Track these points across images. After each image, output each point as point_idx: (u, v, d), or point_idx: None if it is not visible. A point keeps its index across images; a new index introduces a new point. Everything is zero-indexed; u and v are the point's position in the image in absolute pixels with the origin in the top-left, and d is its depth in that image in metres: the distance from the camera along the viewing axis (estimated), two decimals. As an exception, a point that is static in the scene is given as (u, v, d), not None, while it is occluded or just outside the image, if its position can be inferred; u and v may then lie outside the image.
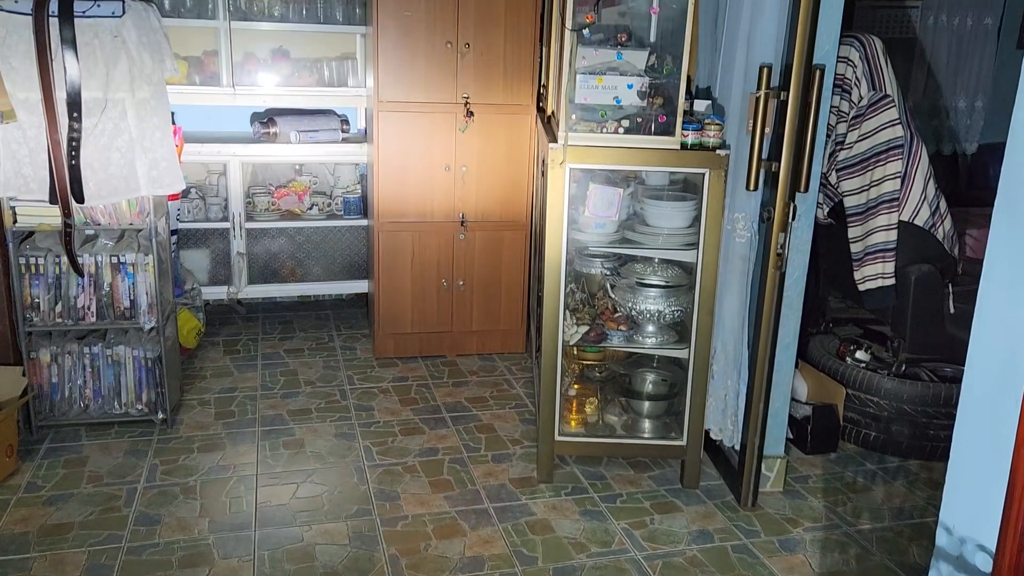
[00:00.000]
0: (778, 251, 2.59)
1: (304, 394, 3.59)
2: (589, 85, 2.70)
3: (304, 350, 4.09)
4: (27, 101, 2.79)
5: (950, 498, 1.52)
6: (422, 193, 3.81)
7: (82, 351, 3.16)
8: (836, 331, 3.65)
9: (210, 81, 4.17)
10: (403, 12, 3.58)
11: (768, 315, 2.66)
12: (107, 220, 3.07)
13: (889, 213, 3.04)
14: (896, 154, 2.98)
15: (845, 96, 3.02)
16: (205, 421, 3.31)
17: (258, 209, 4.36)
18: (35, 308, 3.07)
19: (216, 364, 3.87)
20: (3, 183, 2.86)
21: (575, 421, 3.02)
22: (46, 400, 3.17)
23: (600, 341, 2.93)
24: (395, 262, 3.87)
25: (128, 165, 2.92)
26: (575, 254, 2.99)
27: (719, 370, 2.95)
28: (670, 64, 2.73)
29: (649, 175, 2.96)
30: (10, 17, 2.72)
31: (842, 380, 3.27)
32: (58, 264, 3.05)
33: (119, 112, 2.87)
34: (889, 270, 3.10)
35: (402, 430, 3.30)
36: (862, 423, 3.23)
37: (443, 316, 4.00)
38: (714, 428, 3.01)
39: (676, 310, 2.86)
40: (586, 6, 2.73)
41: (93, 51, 2.80)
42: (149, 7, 2.93)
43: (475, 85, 3.73)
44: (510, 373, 3.90)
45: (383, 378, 3.79)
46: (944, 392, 3.11)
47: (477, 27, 3.66)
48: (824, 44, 2.57)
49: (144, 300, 3.13)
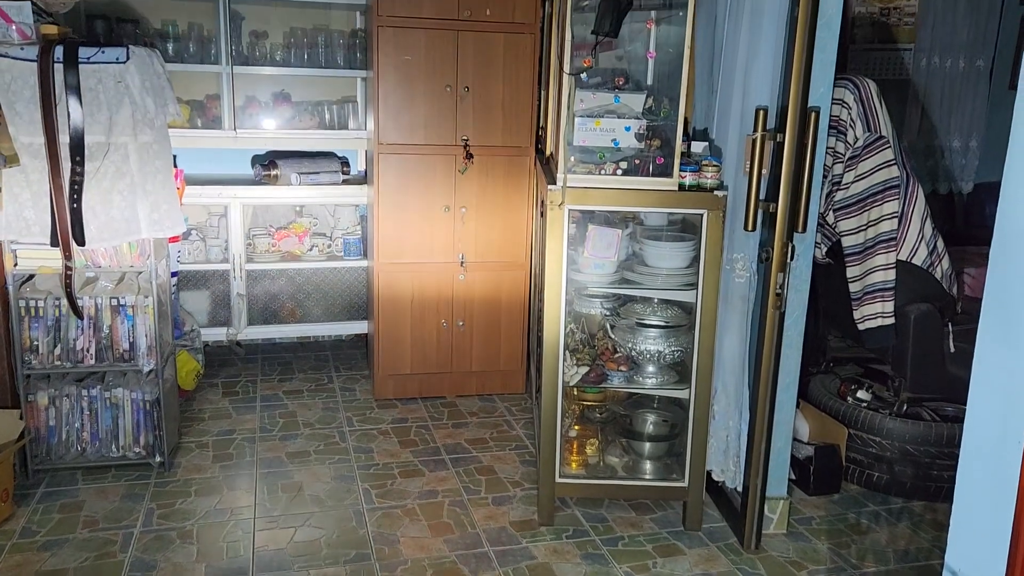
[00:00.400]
0: (777, 291, 2.59)
1: (303, 436, 3.57)
2: (587, 128, 2.73)
3: (303, 391, 4.07)
4: (30, 146, 2.82)
5: (955, 540, 1.50)
6: (422, 234, 3.83)
7: (80, 394, 3.15)
8: (837, 370, 3.64)
9: (212, 124, 4.22)
10: (403, 56, 3.64)
11: (768, 355, 2.65)
12: (108, 262, 3.08)
13: (887, 253, 3.05)
14: (893, 194, 3.00)
15: (841, 137, 3.06)
16: (203, 464, 3.28)
17: (258, 250, 4.37)
18: (34, 351, 3.07)
19: (215, 406, 3.85)
20: (5, 226, 2.88)
21: (576, 463, 2.99)
22: (43, 443, 3.15)
23: (600, 382, 2.92)
24: (395, 303, 3.87)
25: (129, 208, 2.94)
26: (574, 294, 2.99)
27: (720, 410, 2.94)
28: (667, 107, 2.76)
29: (648, 216, 2.98)
30: (15, 63, 2.75)
31: (844, 420, 3.26)
32: (58, 307, 3.06)
33: (121, 156, 2.90)
34: (888, 309, 3.10)
35: (401, 472, 3.27)
36: (865, 463, 3.20)
37: (443, 357, 3.99)
38: (716, 469, 2.99)
39: (676, 350, 2.85)
40: (584, 50, 2.77)
41: (97, 96, 2.83)
42: (153, 53, 2.97)
43: (474, 127, 3.77)
44: (510, 414, 3.88)
45: (382, 419, 3.77)
46: (947, 432, 3.10)
47: (476, 71, 3.72)
48: (819, 87, 2.61)
49: (143, 342, 3.13)
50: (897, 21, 4.61)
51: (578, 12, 2.73)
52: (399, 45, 3.63)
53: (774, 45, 2.61)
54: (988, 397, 1.43)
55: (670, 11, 2.87)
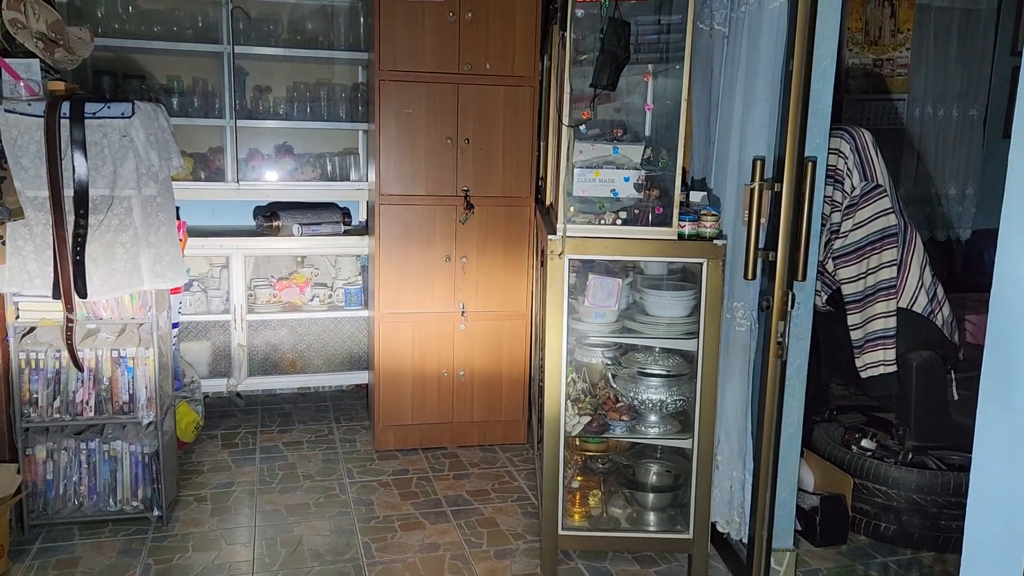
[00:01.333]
0: (778, 339, 2.59)
1: (303, 488, 3.53)
2: (586, 178, 2.76)
3: (303, 442, 4.04)
4: (35, 199, 2.84)
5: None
6: (422, 284, 3.84)
7: (79, 447, 3.12)
8: (840, 419, 3.62)
9: (215, 176, 4.26)
10: (404, 109, 3.69)
11: (771, 404, 2.64)
12: (109, 314, 3.08)
13: (887, 300, 3.06)
14: (891, 242, 3.02)
15: (838, 186, 3.08)
16: (201, 518, 3.24)
17: (259, 301, 4.38)
18: (33, 403, 3.05)
19: (214, 458, 3.82)
20: (8, 279, 2.89)
21: (579, 514, 2.96)
22: (40, 498, 3.12)
23: (602, 431, 2.90)
24: (395, 353, 3.86)
25: (132, 260, 2.95)
26: (576, 344, 2.99)
27: (723, 460, 2.91)
28: (665, 157, 2.79)
29: (648, 265, 2.99)
30: (22, 119, 2.80)
31: (849, 469, 3.22)
32: (58, 359, 3.05)
33: (125, 209, 2.92)
34: (890, 357, 3.09)
35: (402, 525, 3.23)
36: (872, 513, 3.16)
37: (443, 407, 3.96)
38: (721, 520, 2.95)
39: (678, 399, 2.84)
40: (582, 103, 2.81)
41: (102, 150, 2.87)
42: (158, 108, 3.02)
43: (475, 178, 3.80)
44: (512, 465, 3.84)
45: (383, 471, 3.73)
46: (954, 481, 3.06)
47: (476, 123, 3.77)
48: (815, 137, 2.64)
49: (143, 394, 3.12)
50: (890, 72, 4.69)
51: (576, 66, 2.78)
52: (400, 98, 3.68)
53: (769, 96, 2.66)
54: (993, 446, 1.42)
55: (667, 64, 2.92)
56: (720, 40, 2.92)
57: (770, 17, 2.62)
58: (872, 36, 4.67)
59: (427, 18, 3.65)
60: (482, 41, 3.71)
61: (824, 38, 2.59)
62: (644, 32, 2.93)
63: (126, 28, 4.10)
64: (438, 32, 3.66)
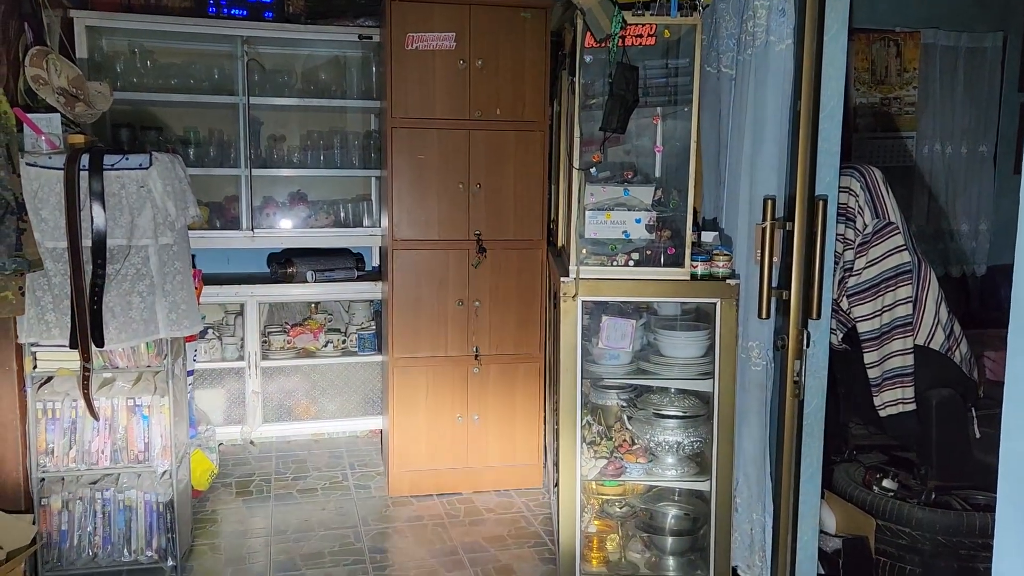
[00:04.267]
0: (795, 379, 2.57)
1: (317, 537, 3.50)
2: (598, 220, 2.78)
3: (318, 490, 4.02)
4: (54, 250, 2.88)
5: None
6: (436, 328, 3.85)
7: (93, 496, 3.11)
8: (861, 458, 3.57)
9: (230, 225, 4.31)
10: (416, 156, 3.74)
11: (789, 444, 2.61)
12: (125, 363, 3.10)
13: (904, 338, 3.03)
14: (905, 279, 3.01)
15: (850, 224, 3.09)
16: (215, 568, 3.21)
17: (273, 347, 4.40)
18: (49, 453, 3.05)
19: (228, 507, 3.80)
20: (27, 329, 2.92)
21: (597, 560, 2.92)
22: (55, 548, 3.10)
23: (619, 475, 2.88)
24: (409, 398, 3.86)
25: (148, 309, 2.98)
26: (590, 386, 2.98)
27: (743, 502, 2.87)
28: (676, 198, 2.81)
29: (661, 306, 2.99)
30: (43, 172, 2.85)
31: (871, 510, 3.17)
32: (74, 408, 3.06)
33: (142, 258, 2.96)
34: (909, 395, 3.06)
35: (418, 574, 3.19)
36: (896, 555, 3.10)
37: (458, 452, 3.94)
38: (741, 564, 2.90)
39: (695, 441, 2.81)
40: (592, 146, 2.84)
41: (120, 201, 2.91)
42: (175, 158, 3.07)
43: (487, 222, 3.83)
44: (528, 510, 3.80)
45: (398, 518, 3.70)
46: (979, 522, 3.00)
47: (488, 167, 3.81)
48: (825, 176, 2.65)
49: (159, 442, 3.12)
50: (898, 110, 4.72)
51: (586, 110, 2.81)
52: (412, 145, 3.73)
53: (778, 136, 2.68)
54: (1018, 484, 1.40)
55: (675, 107, 2.96)
56: (728, 82, 2.95)
57: (776, 59, 2.65)
58: (879, 75, 4.71)
59: (437, 66, 3.71)
60: (492, 87, 3.77)
61: (831, 78, 2.61)
62: (652, 76, 2.97)
63: (144, 82, 4.19)
64: (449, 79, 3.73)
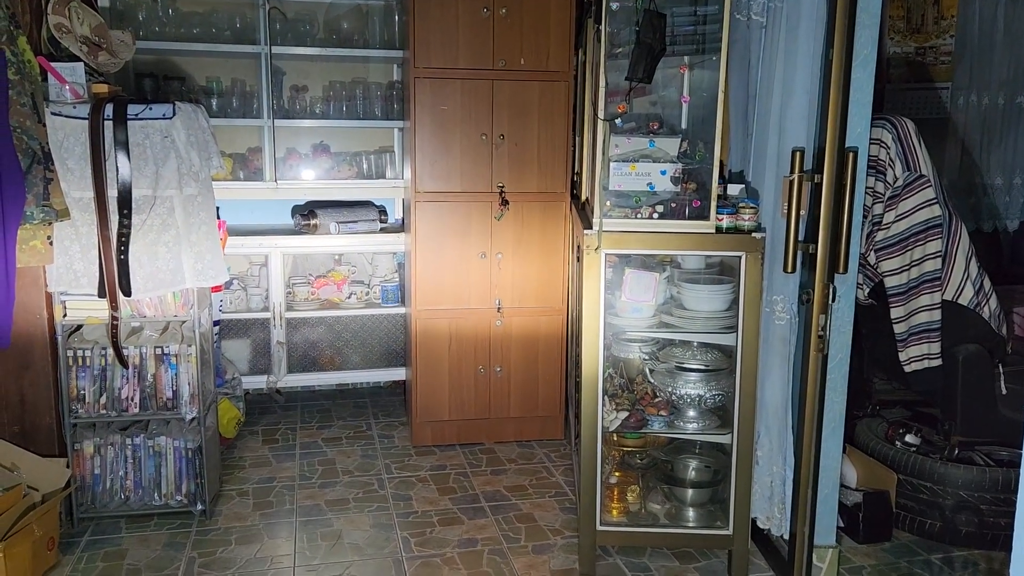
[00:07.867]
0: (819, 333, 2.55)
1: (342, 484, 3.57)
2: (622, 172, 2.74)
3: (342, 439, 4.08)
4: (80, 200, 2.91)
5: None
6: (458, 281, 3.85)
7: (124, 442, 3.19)
8: (884, 414, 3.56)
9: (254, 176, 4.31)
10: (439, 107, 3.70)
11: (812, 398, 2.60)
12: (152, 312, 3.14)
13: (932, 293, 2.99)
14: (935, 233, 2.96)
15: (880, 177, 3.03)
16: (243, 512, 3.29)
17: (298, 299, 4.43)
18: (80, 400, 3.12)
19: (255, 454, 3.87)
20: (56, 278, 2.96)
21: (617, 510, 2.95)
22: (88, 492, 3.19)
23: (640, 427, 2.89)
24: (432, 350, 3.88)
25: (174, 259, 3.00)
26: (612, 339, 2.98)
27: (764, 456, 2.88)
28: (702, 150, 2.77)
29: (685, 259, 2.97)
30: (68, 122, 2.86)
31: (893, 465, 3.17)
32: (104, 356, 3.12)
33: (167, 208, 2.97)
34: (935, 350, 3.03)
35: (440, 520, 3.25)
36: (916, 510, 3.10)
37: (480, 403, 3.97)
38: (761, 516, 2.92)
39: (717, 394, 2.81)
40: (618, 96, 2.79)
41: (144, 151, 2.92)
42: (198, 108, 3.07)
43: (510, 174, 3.80)
44: (549, 460, 3.84)
45: (421, 467, 3.75)
46: (1002, 477, 2.99)
47: (511, 119, 3.76)
48: (856, 127, 2.59)
49: (186, 390, 3.17)
50: (933, 60, 4.59)
51: (612, 59, 2.76)
52: (435, 95, 3.70)
53: (809, 86, 2.62)
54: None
55: (703, 56, 2.89)
56: (758, 30, 2.88)
57: (809, 5, 2.58)
58: (914, 23, 4.57)
59: (461, 15, 3.65)
60: (516, 37, 3.71)
61: (864, 26, 2.54)
62: (680, 24, 2.90)
63: (166, 31, 4.17)
64: (472, 29, 3.67)
